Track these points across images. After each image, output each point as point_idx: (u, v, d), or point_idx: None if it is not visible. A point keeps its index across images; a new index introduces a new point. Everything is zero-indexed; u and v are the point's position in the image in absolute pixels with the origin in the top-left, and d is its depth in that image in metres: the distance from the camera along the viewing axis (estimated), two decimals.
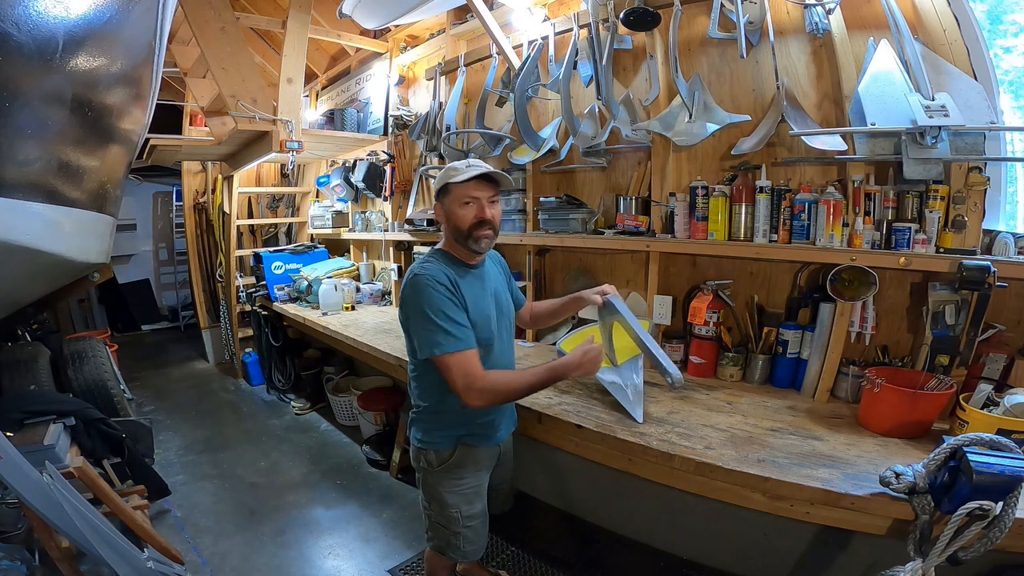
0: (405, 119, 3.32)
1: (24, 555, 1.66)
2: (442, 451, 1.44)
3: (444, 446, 1.44)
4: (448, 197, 1.39)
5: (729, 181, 1.86)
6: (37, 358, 2.55)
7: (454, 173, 1.37)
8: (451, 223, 1.39)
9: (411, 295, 1.32)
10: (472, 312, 1.35)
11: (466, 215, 1.36)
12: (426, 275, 1.31)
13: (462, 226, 1.37)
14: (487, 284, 1.47)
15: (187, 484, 2.77)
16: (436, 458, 1.45)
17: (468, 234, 1.37)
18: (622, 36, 2.13)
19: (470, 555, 1.52)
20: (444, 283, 1.30)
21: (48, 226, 1.48)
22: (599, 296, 1.61)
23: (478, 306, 1.38)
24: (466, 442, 1.44)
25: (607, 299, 1.61)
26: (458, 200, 1.37)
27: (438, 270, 1.33)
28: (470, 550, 1.50)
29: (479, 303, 1.39)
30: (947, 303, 1.50)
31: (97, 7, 1.41)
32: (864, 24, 1.66)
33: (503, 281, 1.60)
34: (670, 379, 1.37)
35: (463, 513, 1.46)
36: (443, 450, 1.44)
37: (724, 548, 1.84)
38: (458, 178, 1.34)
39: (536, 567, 2.03)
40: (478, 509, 1.50)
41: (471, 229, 1.36)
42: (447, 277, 1.32)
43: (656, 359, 1.43)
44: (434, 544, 1.54)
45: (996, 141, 1.53)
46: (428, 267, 1.35)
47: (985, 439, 1.07)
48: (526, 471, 2.00)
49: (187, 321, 6.59)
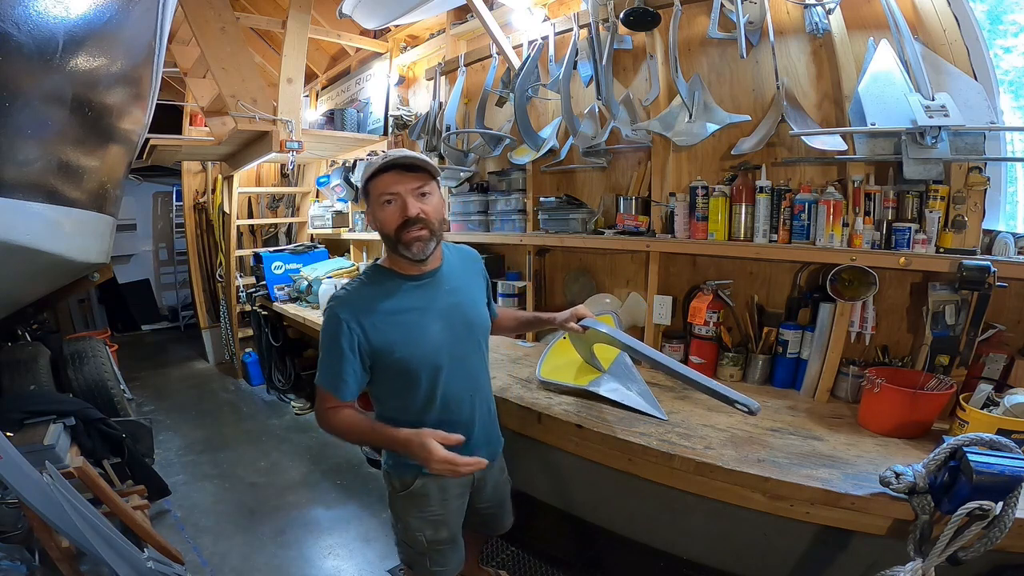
0: (405, 119, 3.32)
1: (24, 555, 1.66)
2: (405, 478, 1.32)
3: (406, 473, 1.31)
4: (369, 200, 1.20)
5: (729, 181, 1.86)
6: (37, 358, 2.55)
7: (367, 169, 1.18)
8: (378, 230, 1.21)
9: (324, 320, 1.23)
10: (396, 348, 1.19)
11: (388, 217, 1.16)
12: (332, 309, 1.19)
13: (387, 231, 1.17)
14: (440, 300, 1.26)
15: (187, 484, 2.77)
16: (399, 484, 1.34)
17: (396, 239, 1.17)
18: (622, 36, 2.13)
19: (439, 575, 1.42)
20: (345, 320, 1.16)
21: (48, 226, 1.47)
22: (574, 323, 1.49)
23: (405, 341, 1.20)
24: (426, 473, 1.27)
25: (585, 324, 1.50)
26: (377, 200, 1.17)
27: (349, 304, 1.19)
28: (437, 571, 1.40)
29: (407, 336, 1.20)
30: (947, 303, 1.50)
31: (97, 7, 1.41)
32: (864, 24, 1.66)
33: (477, 285, 1.41)
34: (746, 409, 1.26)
35: (428, 538, 1.36)
36: (405, 477, 1.32)
37: (724, 548, 1.84)
38: (368, 173, 1.16)
39: (536, 567, 2.03)
40: (444, 536, 1.37)
41: (397, 232, 1.16)
42: (354, 314, 1.17)
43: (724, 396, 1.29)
44: (403, 559, 1.47)
45: (996, 141, 1.53)
46: (343, 297, 1.21)
47: (985, 439, 1.07)
48: (526, 471, 2.01)
49: (187, 321, 6.59)
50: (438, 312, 1.25)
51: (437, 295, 1.26)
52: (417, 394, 1.25)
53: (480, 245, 2.81)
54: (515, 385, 1.91)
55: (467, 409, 1.33)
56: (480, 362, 1.37)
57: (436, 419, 1.26)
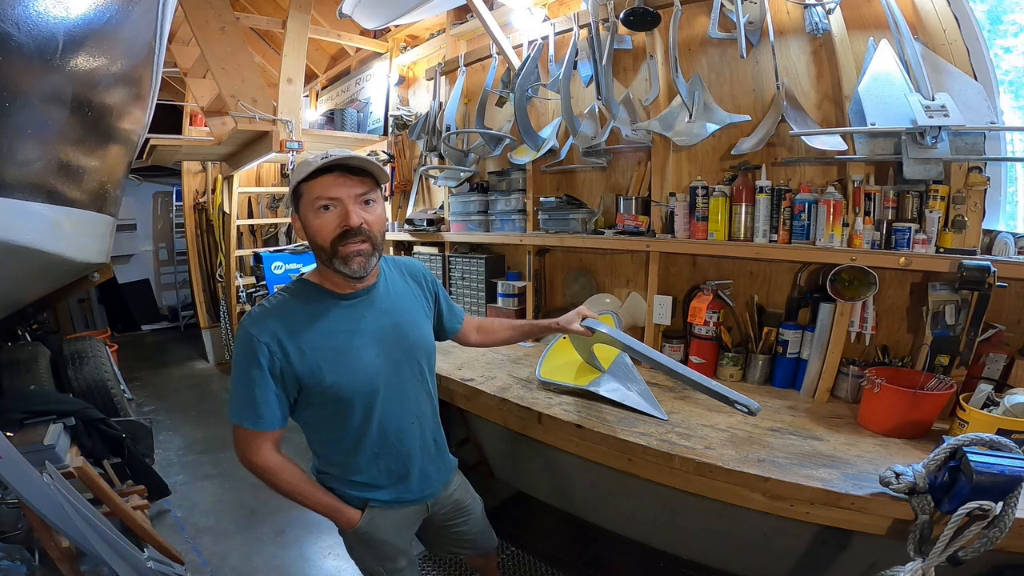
0: (405, 119, 3.32)
1: (24, 555, 1.66)
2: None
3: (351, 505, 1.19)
4: (301, 203, 1.03)
5: (729, 181, 1.86)
6: (37, 358, 2.55)
7: (304, 168, 1.00)
8: (309, 240, 1.04)
9: (236, 342, 1.06)
10: (327, 374, 1.05)
11: (325, 225, 1.00)
12: (248, 327, 1.03)
13: (321, 242, 1.02)
14: (374, 318, 1.13)
15: (187, 484, 2.77)
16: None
17: (332, 252, 1.02)
18: (622, 36, 2.13)
19: None
20: (264, 343, 1.01)
21: (48, 226, 1.48)
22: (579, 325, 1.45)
23: (339, 354, 1.07)
24: (374, 505, 1.19)
25: (587, 324, 1.46)
26: (311, 205, 1.01)
27: (268, 325, 1.03)
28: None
29: (343, 348, 1.08)
30: (947, 303, 1.50)
31: (97, 7, 1.41)
32: (864, 24, 1.66)
33: (418, 302, 1.27)
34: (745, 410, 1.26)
35: (386, 568, 1.26)
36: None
37: (724, 548, 1.84)
38: (305, 173, 0.99)
39: (536, 567, 2.03)
40: (402, 564, 1.28)
41: (334, 245, 1.01)
42: (274, 337, 1.02)
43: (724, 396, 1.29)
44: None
45: (996, 141, 1.54)
46: (259, 316, 1.05)
47: (985, 439, 1.07)
48: (526, 471, 2.00)
49: (187, 321, 6.59)
50: (372, 335, 1.12)
51: (371, 315, 1.13)
52: (350, 425, 1.12)
53: (480, 245, 2.82)
54: (515, 385, 1.91)
55: (407, 440, 1.20)
56: (422, 388, 1.23)
57: (371, 453, 1.16)
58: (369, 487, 1.20)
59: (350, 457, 1.17)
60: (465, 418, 2.46)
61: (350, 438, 1.15)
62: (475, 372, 2.03)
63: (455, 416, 2.42)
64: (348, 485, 1.20)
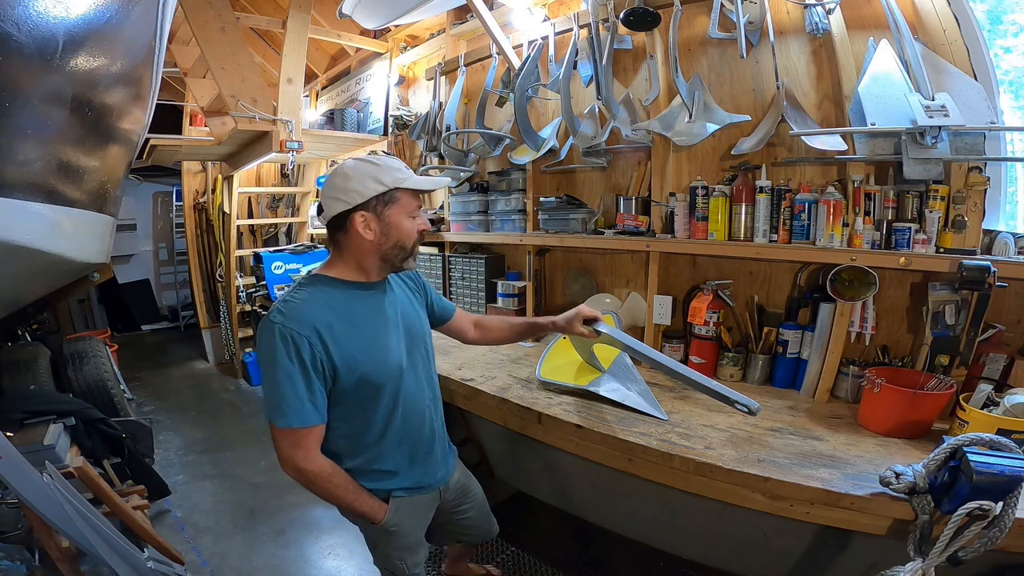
0: (405, 119, 3.32)
1: (24, 555, 1.66)
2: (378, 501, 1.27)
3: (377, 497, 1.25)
4: (394, 205, 1.13)
5: (729, 181, 1.86)
6: (37, 358, 2.55)
7: (402, 176, 1.12)
8: (391, 238, 1.14)
9: (262, 343, 1.08)
10: (361, 363, 1.12)
11: (412, 230, 1.16)
12: (283, 326, 1.05)
13: (408, 243, 1.16)
14: (391, 311, 1.22)
15: (187, 484, 2.77)
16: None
17: (411, 251, 1.18)
18: (622, 36, 2.13)
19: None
20: (302, 337, 1.05)
21: (48, 226, 1.47)
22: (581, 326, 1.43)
23: (369, 352, 1.13)
24: (398, 496, 1.26)
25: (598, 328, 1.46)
26: (408, 210, 1.15)
27: (303, 319, 1.06)
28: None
29: (372, 346, 1.14)
30: (947, 303, 1.50)
31: (97, 7, 1.41)
32: (864, 24, 1.66)
33: (414, 299, 1.36)
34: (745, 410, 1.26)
35: (408, 562, 1.34)
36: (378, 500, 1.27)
37: (724, 548, 1.84)
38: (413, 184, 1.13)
39: (536, 567, 2.03)
40: (421, 555, 1.39)
41: (415, 246, 1.19)
42: (313, 330, 1.06)
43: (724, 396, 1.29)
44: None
45: (996, 141, 1.54)
46: (290, 312, 1.07)
47: (985, 439, 1.07)
48: (526, 471, 2.00)
49: (187, 321, 6.59)
50: (391, 321, 1.21)
51: (387, 304, 1.22)
52: (378, 412, 1.18)
53: (480, 245, 2.82)
54: (515, 385, 1.91)
55: (425, 422, 1.29)
56: (429, 372, 1.33)
57: (396, 438, 1.22)
58: (392, 475, 1.25)
59: (376, 446, 1.21)
60: (465, 418, 2.46)
61: (377, 426, 1.20)
62: (475, 372, 2.03)
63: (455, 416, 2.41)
64: (371, 477, 1.23)
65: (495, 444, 2.51)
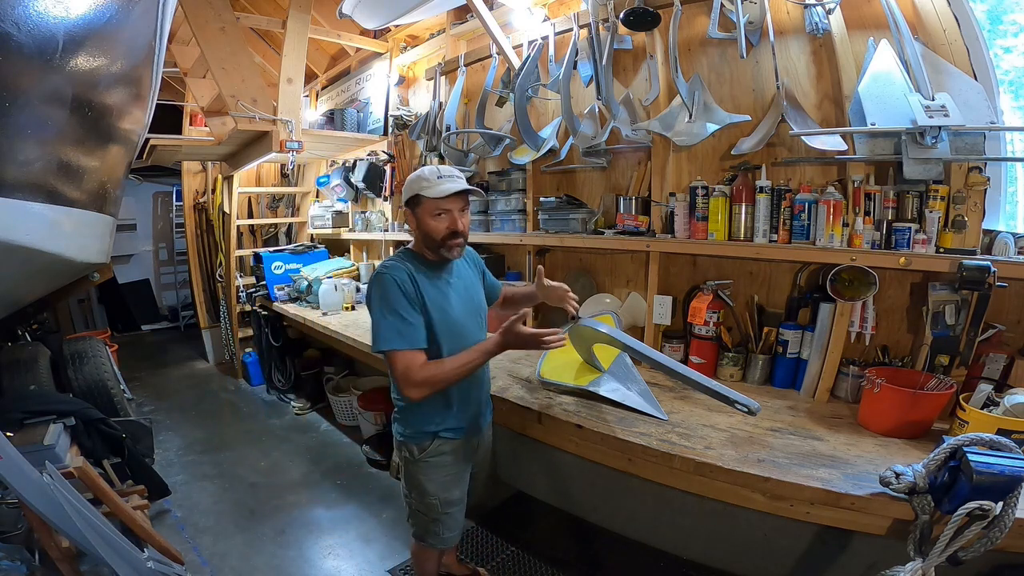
0: (405, 119, 3.32)
1: (24, 555, 1.66)
2: (423, 443, 1.48)
3: (422, 440, 1.48)
4: (419, 207, 1.41)
5: (729, 181, 1.86)
6: (37, 358, 2.55)
7: (425, 184, 1.38)
8: (422, 231, 1.42)
9: (373, 291, 1.38)
10: (432, 310, 1.39)
11: (438, 227, 1.39)
12: (388, 274, 1.36)
13: (435, 236, 1.40)
14: (456, 283, 1.50)
15: (187, 484, 2.77)
16: (417, 449, 1.49)
17: (440, 244, 1.41)
18: (622, 36, 2.13)
19: (448, 541, 1.58)
20: (403, 280, 1.36)
21: (48, 226, 1.47)
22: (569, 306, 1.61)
23: (439, 305, 1.41)
24: (442, 436, 1.49)
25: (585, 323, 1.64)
26: (430, 211, 1.39)
27: (400, 269, 1.38)
28: (448, 536, 1.57)
29: (441, 302, 1.42)
30: (947, 303, 1.50)
31: (97, 7, 1.41)
32: (864, 24, 1.66)
33: (476, 277, 1.63)
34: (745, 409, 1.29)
35: (441, 500, 1.51)
36: (424, 442, 1.48)
37: (724, 548, 1.84)
38: (430, 192, 1.37)
39: (536, 567, 2.03)
40: (456, 496, 1.55)
41: (444, 240, 1.40)
42: (408, 276, 1.37)
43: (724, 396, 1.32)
44: (415, 531, 1.60)
45: (996, 141, 1.54)
46: (391, 265, 1.39)
47: (985, 439, 1.07)
48: (526, 471, 2.01)
49: (187, 321, 6.58)
50: (455, 289, 1.49)
51: (454, 281, 1.50)
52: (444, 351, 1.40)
53: (480, 245, 2.81)
54: (515, 385, 1.91)
55: (481, 374, 1.56)
56: (483, 336, 1.56)
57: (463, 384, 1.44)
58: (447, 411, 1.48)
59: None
60: None
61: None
62: None
63: None
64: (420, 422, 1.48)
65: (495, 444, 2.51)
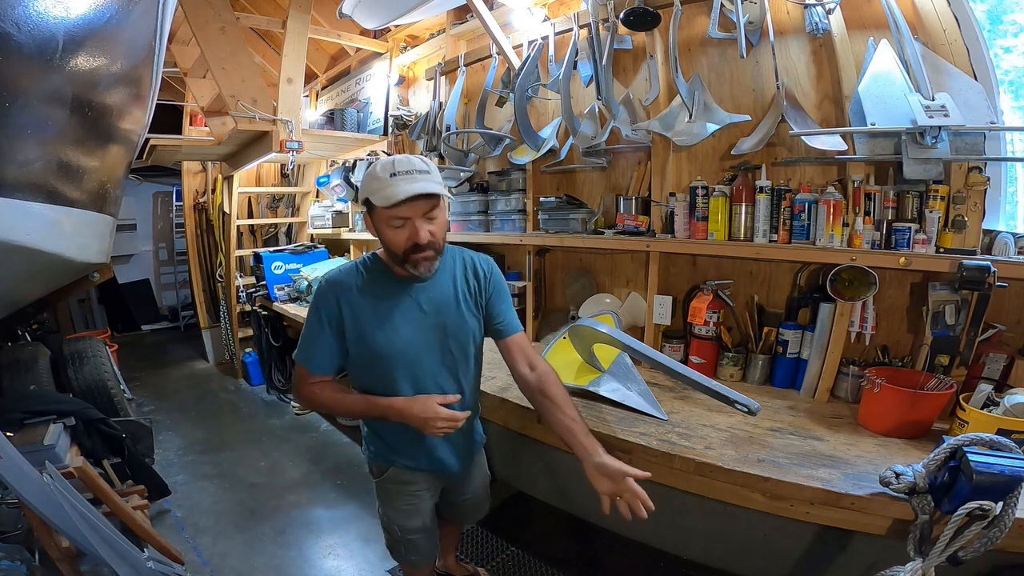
0: (405, 119, 3.32)
1: (24, 555, 1.66)
2: (380, 465, 1.41)
3: (380, 463, 1.40)
4: (373, 214, 1.18)
5: (729, 181, 1.86)
6: (37, 358, 2.55)
7: (376, 187, 1.12)
8: (382, 242, 1.20)
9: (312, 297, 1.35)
10: (368, 330, 1.22)
11: (396, 239, 1.15)
12: (322, 283, 1.27)
13: (394, 250, 1.18)
14: (422, 298, 1.25)
15: (187, 484, 2.77)
16: (376, 470, 1.42)
17: (404, 258, 1.17)
18: (622, 36, 2.13)
19: (414, 564, 1.52)
20: (325, 296, 1.23)
21: (48, 226, 1.47)
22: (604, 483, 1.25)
23: (384, 325, 1.22)
24: (399, 466, 1.37)
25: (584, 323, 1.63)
26: (385, 220, 1.15)
27: (337, 282, 1.24)
28: (413, 559, 1.50)
29: (386, 313, 1.22)
30: (947, 303, 1.50)
31: (97, 7, 1.41)
32: (864, 24, 1.66)
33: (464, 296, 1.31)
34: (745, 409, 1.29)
35: (400, 527, 1.44)
36: (380, 465, 1.41)
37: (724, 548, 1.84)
38: (381, 197, 1.10)
39: (536, 567, 2.03)
40: (416, 525, 1.44)
41: (405, 254, 1.16)
42: (337, 292, 1.22)
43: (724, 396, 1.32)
44: (386, 544, 1.54)
45: (996, 141, 1.54)
46: (334, 274, 1.28)
47: (985, 439, 1.07)
48: (526, 471, 2.01)
49: (187, 321, 6.58)
50: (414, 307, 1.25)
51: (420, 297, 1.26)
52: (384, 385, 1.26)
53: (480, 245, 2.81)
54: (515, 385, 1.91)
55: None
56: (447, 372, 1.31)
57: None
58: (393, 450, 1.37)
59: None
60: None
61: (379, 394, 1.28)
62: None
63: None
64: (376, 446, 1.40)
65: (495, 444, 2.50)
